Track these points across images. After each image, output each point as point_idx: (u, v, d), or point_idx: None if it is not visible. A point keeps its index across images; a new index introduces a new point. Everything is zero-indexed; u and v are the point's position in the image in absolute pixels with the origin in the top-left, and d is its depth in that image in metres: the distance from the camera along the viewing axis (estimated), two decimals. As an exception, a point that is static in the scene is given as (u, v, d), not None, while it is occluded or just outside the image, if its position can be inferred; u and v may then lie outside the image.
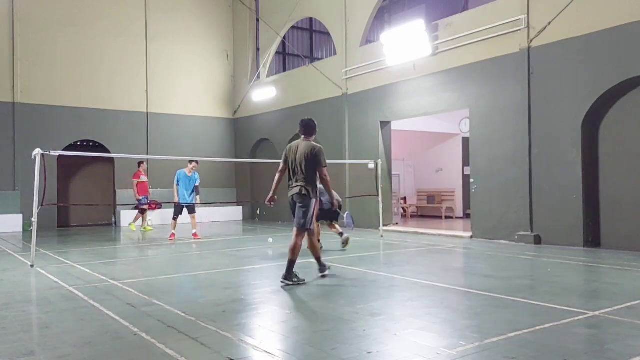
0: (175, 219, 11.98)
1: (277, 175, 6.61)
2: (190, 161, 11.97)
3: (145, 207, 14.46)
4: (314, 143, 6.48)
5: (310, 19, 19.93)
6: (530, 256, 8.53)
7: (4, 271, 7.51)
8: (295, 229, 6.32)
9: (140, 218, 14.73)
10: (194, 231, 11.98)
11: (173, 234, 11.77)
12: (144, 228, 14.56)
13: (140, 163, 14.41)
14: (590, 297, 5.67)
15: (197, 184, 12.04)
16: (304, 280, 6.27)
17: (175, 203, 11.91)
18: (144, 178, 14.44)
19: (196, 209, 12.16)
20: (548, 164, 9.88)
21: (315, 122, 6.81)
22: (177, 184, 11.82)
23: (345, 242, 9.58)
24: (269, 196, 6.66)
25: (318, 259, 6.66)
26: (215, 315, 4.78)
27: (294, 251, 6.21)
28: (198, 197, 12.06)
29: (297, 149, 6.41)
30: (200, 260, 8.87)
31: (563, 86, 9.67)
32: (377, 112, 13.78)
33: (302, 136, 6.62)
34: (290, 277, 6.17)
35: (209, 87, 18.97)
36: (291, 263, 6.18)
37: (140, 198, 14.22)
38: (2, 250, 10.16)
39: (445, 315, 4.73)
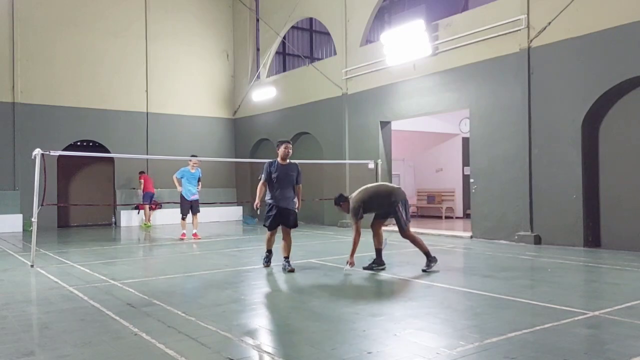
0: (184, 219, 11.90)
1: None
2: (191, 158, 11.97)
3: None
4: None
5: (310, 19, 19.93)
6: (530, 256, 8.52)
7: (4, 271, 7.51)
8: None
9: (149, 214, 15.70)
10: (194, 231, 11.93)
11: (184, 234, 11.77)
12: (146, 224, 15.38)
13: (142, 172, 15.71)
14: (590, 297, 5.67)
15: (199, 177, 12.04)
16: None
17: (181, 203, 11.82)
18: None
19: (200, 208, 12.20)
20: (548, 164, 9.87)
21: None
22: (181, 177, 11.77)
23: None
24: None
25: (426, 253, 7.22)
26: (215, 315, 4.78)
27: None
28: (200, 184, 12.00)
29: None
30: (200, 260, 8.87)
31: (563, 86, 9.67)
32: (377, 112, 13.77)
33: None
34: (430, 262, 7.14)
35: (209, 87, 18.97)
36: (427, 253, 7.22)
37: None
38: (2, 250, 10.16)
39: (445, 315, 4.73)
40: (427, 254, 7.18)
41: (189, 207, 11.85)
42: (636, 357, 3.50)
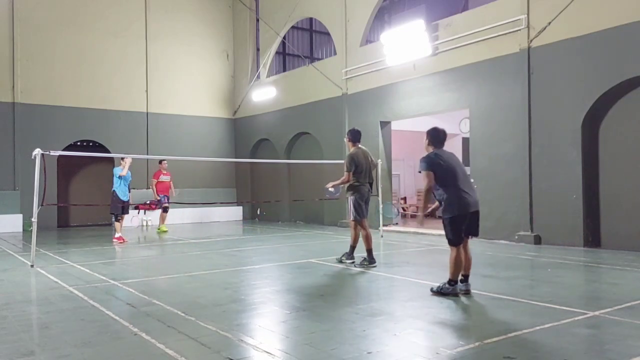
0: (120, 220, 11.54)
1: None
2: (125, 156, 11.59)
3: (167, 205, 14.09)
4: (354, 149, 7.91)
5: (310, 19, 19.93)
6: (530, 256, 8.52)
7: (4, 271, 7.51)
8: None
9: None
10: (118, 234, 11.41)
11: (122, 237, 11.34)
12: (160, 229, 13.98)
13: (160, 161, 14.13)
14: (590, 297, 5.67)
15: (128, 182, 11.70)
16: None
17: (115, 204, 11.47)
18: (164, 178, 14.07)
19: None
20: (548, 164, 9.87)
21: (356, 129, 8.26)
22: (120, 182, 11.43)
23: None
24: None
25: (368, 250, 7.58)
26: (215, 315, 4.78)
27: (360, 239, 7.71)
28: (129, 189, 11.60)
29: (364, 155, 7.86)
30: (200, 260, 8.87)
31: (563, 86, 9.67)
32: (377, 112, 13.77)
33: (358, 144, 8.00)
34: (345, 257, 7.81)
35: (209, 87, 18.97)
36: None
37: (160, 197, 13.95)
38: (2, 250, 10.16)
39: (445, 315, 4.73)
40: (352, 248, 7.78)
41: (125, 205, 11.61)
42: (636, 357, 3.50)
